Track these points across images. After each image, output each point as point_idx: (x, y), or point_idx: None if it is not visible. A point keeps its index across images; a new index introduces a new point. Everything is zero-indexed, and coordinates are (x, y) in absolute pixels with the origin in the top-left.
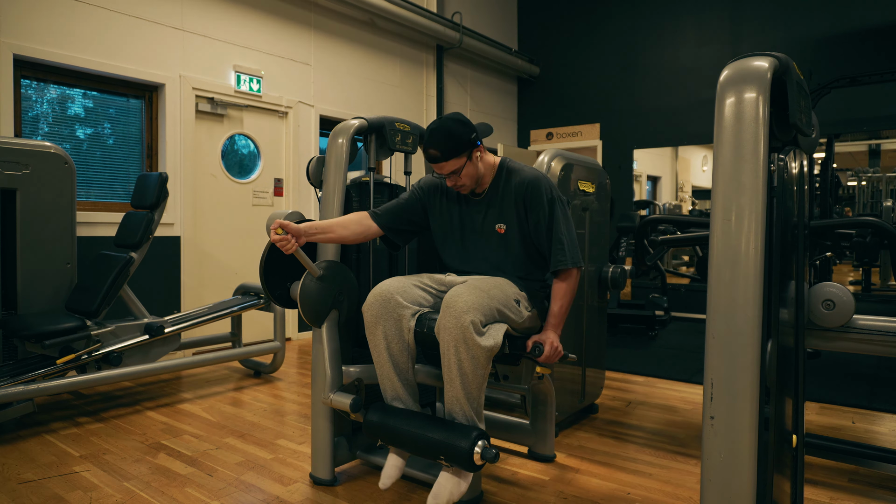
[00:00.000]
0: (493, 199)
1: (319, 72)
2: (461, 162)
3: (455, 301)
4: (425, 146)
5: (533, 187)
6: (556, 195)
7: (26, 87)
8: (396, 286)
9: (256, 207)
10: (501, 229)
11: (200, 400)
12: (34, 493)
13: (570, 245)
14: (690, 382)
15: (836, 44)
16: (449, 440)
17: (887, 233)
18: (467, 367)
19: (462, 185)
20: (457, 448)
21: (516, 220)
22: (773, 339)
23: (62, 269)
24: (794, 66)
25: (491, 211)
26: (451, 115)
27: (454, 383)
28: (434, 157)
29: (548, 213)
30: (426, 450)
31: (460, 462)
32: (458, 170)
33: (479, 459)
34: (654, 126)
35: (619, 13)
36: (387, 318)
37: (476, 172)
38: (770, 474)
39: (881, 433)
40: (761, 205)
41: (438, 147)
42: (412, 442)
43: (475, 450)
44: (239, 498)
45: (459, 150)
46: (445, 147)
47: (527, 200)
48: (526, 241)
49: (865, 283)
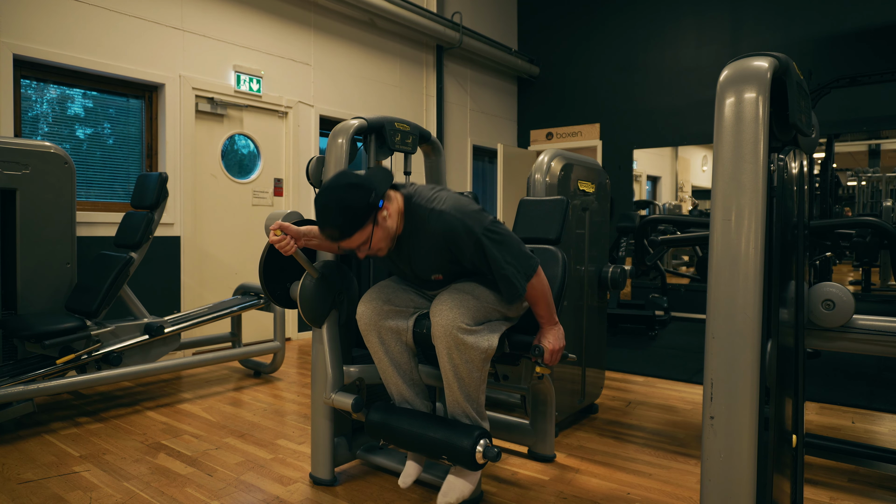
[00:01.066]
0: (413, 251)
1: (319, 72)
2: (367, 232)
3: (440, 310)
4: (321, 226)
5: (451, 240)
6: (479, 231)
7: (26, 87)
8: (386, 293)
9: (256, 207)
10: (439, 277)
11: (200, 400)
12: (34, 493)
13: (517, 266)
14: (690, 382)
15: (836, 44)
16: (451, 440)
17: (887, 233)
18: (463, 372)
19: (378, 250)
20: (459, 447)
21: (449, 265)
22: (773, 339)
23: (62, 269)
24: (794, 66)
25: (418, 263)
26: (340, 181)
27: (452, 387)
28: (335, 237)
29: (482, 255)
30: (429, 449)
31: (463, 461)
32: (366, 240)
33: (481, 458)
34: (654, 126)
35: (619, 13)
36: (380, 325)
37: (388, 233)
38: (770, 474)
39: (881, 433)
40: (761, 205)
41: (336, 226)
42: (414, 441)
43: (477, 449)
44: (239, 498)
45: (361, 221)
46: (343, 223)
47: (453, 252)
48: (468, 269)
49: (865, 283)
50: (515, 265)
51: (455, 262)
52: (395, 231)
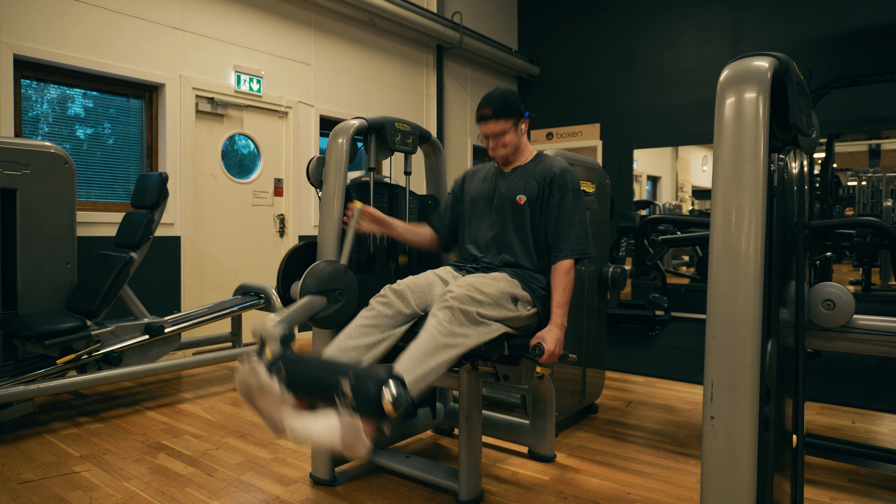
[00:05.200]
0: (520, 174)
1: (319, 72)
2: (508, 125)
3: (459, 285)
4: (479, 106)
5: (561, 173)
6: (579, 190)
7: (26, 87)
8: (373, 319)
9: (256, 207)
10: (521, 200)
11: (200, 400)
12: (34, 493)
13: (579, 235)
14: (690, 382)
15: (836, 44)
16: (357, 376)
17: (887, 233)
18: (430, 325)
19: (501, 148)
20: (362, 390)
21: (536, 197)
22: (773, 339)
23: (62, 269)
24: (795, 66)
25: (516, 181)
26: (507, 88)
27: (412, 349)
28: (485, 116)
29: (569, 200)
30: (323, 389)
31: (366, 407)
32: (502, 132)
33: (390, 407)
34: (654, 126)
35: (620, 13)
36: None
37: (516, 142)
38: (770, 474)
39: (881, 433)
40: (761, 205)
41: (492, 105)
42: (310, 381)
43: (384, 393)
44: (239, 498)
45: (509, 112)
46: (498, 106)
47: (552, 184)
48: (537, 222)
49: (865, 283)
50: (579, 233)
51: (543, 198)
52: (519, 150)
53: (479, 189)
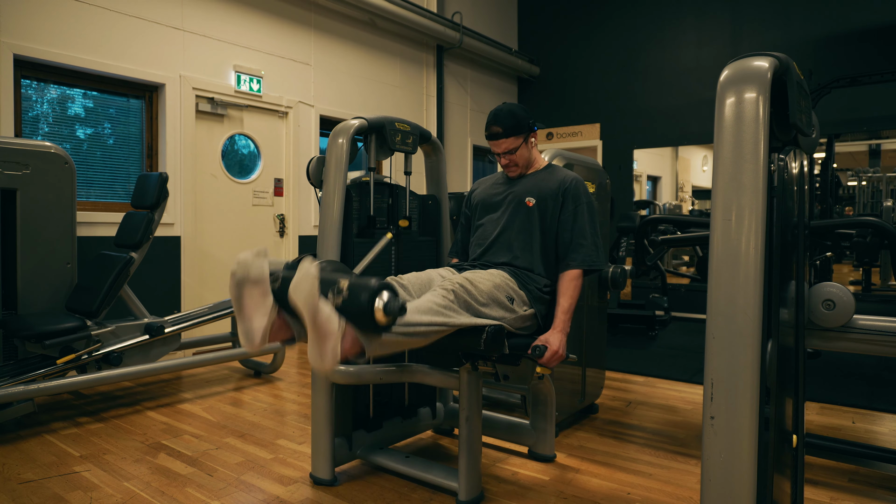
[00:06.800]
0: (531, 179)
1: (319, 72)
2: (518, 142)
3: (443, 283)
4: (488, 123)
5: (575, 184)
6: (593, 202)
7: (26, 87)
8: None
9: (256, 207)
10: (530, 202)
11: (200, 400)
12: (34, 493)
13: (592, 245)
14: (690, 382)
15: (836, 44)
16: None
17: (887, 233)
18: (428, 295)
19: (514, 164)
20: (359, 286)
21: (548, 203)
22: (774, 339)
23: (62, 269)
24: (795, 66)
25: (527, 186)
26: (514, 103)
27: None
28: (496, 134)
29: (584, 212)
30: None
31: (359, 319)
32: (513, 149)
33: (382, 315)
34: (654, 126)
35: (620, 13)
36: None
37: (528, 156)
38: (770, 474)
39: (881, 433)
40: (761, 205)
41: (501, 123)
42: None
43: (376, 302)
44: (239, 498)
45: (519, 129)
46: (507, 124)
47: (567, 193)
48: (547, 226)
49: (865, 283)
50: (591, 246)
51: (554, 206)
52: (531, 162)
53: (488, 193)
